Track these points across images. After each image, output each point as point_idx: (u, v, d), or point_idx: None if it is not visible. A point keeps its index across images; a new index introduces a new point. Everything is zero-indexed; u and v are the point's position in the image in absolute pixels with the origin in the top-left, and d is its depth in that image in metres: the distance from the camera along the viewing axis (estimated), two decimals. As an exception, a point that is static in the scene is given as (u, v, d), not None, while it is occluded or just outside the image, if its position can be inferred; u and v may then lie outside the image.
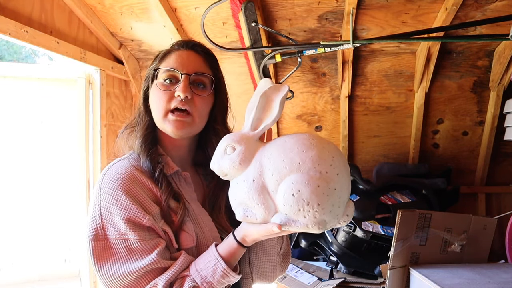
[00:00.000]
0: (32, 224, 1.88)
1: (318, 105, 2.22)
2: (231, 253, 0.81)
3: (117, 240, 0.80)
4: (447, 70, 2.09)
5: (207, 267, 0.80)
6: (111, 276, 0.79)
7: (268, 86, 0.76)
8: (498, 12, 1.71)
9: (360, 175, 1.99)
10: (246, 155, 0.73)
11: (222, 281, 0.80)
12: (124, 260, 0.79)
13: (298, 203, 0.67)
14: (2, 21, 1.30)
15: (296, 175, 0.68)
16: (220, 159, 0.75)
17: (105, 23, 1.87)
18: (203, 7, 1.72)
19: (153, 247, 0.81)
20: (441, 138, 2.26)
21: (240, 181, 0.73)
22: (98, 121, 1.88)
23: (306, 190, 0.67)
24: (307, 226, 0.69)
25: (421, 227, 1.62)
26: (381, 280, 1.72)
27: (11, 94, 1.86)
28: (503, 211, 2.17)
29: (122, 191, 0.82)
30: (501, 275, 1.52)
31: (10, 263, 1.85)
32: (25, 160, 1.88)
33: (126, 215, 0.80)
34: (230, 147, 0.74)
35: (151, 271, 0.80)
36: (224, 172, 0.75)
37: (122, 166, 0.87)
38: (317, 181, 0.67)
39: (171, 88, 0.91)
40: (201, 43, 1.00)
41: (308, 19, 1.82)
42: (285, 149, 0.71)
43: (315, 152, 0.70)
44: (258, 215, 0.72)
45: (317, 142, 0.72)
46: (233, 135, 0.76)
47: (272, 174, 0.70)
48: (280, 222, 0.70)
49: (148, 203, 0.84)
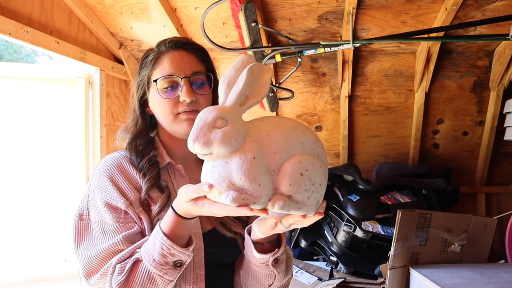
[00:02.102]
0: (32, 224, 1.88)
1: (318, 105, 2.22)
2: (171, 224, 0.76)
3: (96, 221, 0.86)
4: (447, 70, 2.09)
5: (150, 240, 0.79)
6: (85, 256, 0.84)
7: (250, 62, 0.70)
8: (498, 12, 1.71)
9: (360, 175, 1.99)
10: (241, 130, 0.65)
11: (163, 253, 0.76)
12: (97, 241, 0.85)
13: (305, 183, 0.64)
14: (2, 21, 1.30)
15: (302, 154, 0.65)
16: (207, 133, 0.63)
17: (105, 23, 1.87)
18: (203, 7, 1.72)
19: (123, 230, 0.84)
20: (441, 138, 2.26)
21: (235, 160, 0.63)
22: (98, 121, 1.89)
23: (313, 169, 0.65)
24: (308, 208, 0.66)
25: (421, 227, 1.63)
26: (381, 280, 1.72)
27: (11, 94, 1.86)
28: (503, 211, 2.17)
29: (106, 177, 0.89)
30: (501, 275, 1.52)
31: (10, 263, 1.85)
32: (25, 160, 1.88)
33: (105, 198, 0.87)
34: (221, 119, 0.64)
35: (113, 252, 0.82)
36: (210, 149, 0.63)
37: (112, 156, 0.94)
38: (319, 162, 0.67)
39: (173, 94, 0.92)
40: (188, 40, 1.00)
41: (308, 19, 1.82)
42: (285, 127, 0.67)
43: (312, 134, 0.69)
44: (259, 198, 0.63)
45: (305, 125, 0.71)
46: (218, 108, 0.66)
47: (274, 152, 0.64)
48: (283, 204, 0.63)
49: (127, 189, 0.88)
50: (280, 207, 0.63)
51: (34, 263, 1.88)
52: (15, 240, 1.86)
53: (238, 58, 0.72)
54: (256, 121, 0.70)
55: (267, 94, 0.71)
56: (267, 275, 0.90)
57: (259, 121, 0.69)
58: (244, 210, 0.62)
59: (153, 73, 0.94)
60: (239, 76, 0.69)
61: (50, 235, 1.91)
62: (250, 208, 0.62)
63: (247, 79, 0.67)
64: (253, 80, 0.68)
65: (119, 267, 0.79)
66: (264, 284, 0.91)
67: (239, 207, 0.62)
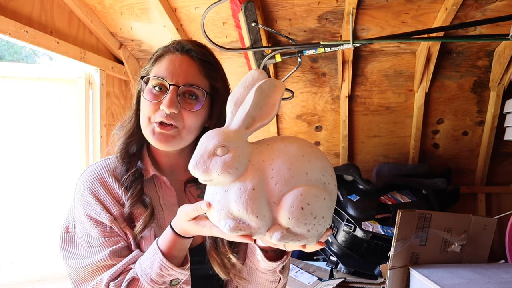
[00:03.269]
0: (33, 224, 1.88)
1: (318, 105, 2.22)
2: (169, 243, 0.76)
3: (82, 235, 0.86)
4: (447, 70, 2.09)
5: (147, 258, 0.78)
6: (73, 266, 0.84)
7: (261, 78, 0.66)
8: (498, 12, 1.71)
9: (360, 175, 1.99)
10: (242, 159, 0.62)
11: (161, 273, 0.75)
12: (84, 253, 0.84)
13: (306, 217, 0.61)
14: (2, 21, 1.30)
15: (304, 186, 0.62)
16: (207, 161, 0.62)
17: (105, 23, 1.87)
18: (203, 7, 1.72)
19: (110, 244, 0.84)
20: (441, 138, 2.26)
21: (234, 189, 0.62)
22: (98, 121, 1.89)
23: (316, 203, 0.62)
24: (308, 240, 0.64)
25: (421, 227, 1.62)
26: (381, 280, 1.72)
27: (11, 94, 1.86)
28: (503, 211, 2.17)
29: (88, 191, 0.87)
30: (501, 275, 1.52)
31: (10, 263, 1.85)
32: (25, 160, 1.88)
33: (88, 213, 0.85)
34: (222, 147, 0.62)
35: (102, 267, 0.82)
36: (210, 177, 0.62)
37: (94, 168, 0.91)
38: (323, 193, 0.63)
39: (159, 97, 0.84)
40: (199, 47, 0.90)
41: (308, 19, 1.82)
42: (290, 156, 0.63)
43: (320, 162, 0.65)
44: (257, 229, 0.62)
45: (316, 149, 0.67)
46: (222, 133, 0.64)
47: (276, 184, 0.62)
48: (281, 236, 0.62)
49: (110, 204, 0.86)
50: (278, 240, 0.62)
51: (34, 263, 1.88)
52: (15, 240, 1.86)
53: (248, 73, 0.67)
54: (262, 144, 0.66)
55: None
56: (272, 281, 0.90)
57: (264, 145, 0.66)
58: (244, 239, 0.62)
59: (151, 70, 0.88)
60: (247, 94, 0.65)
61: (50, 235, 1.91)
62: (250, 237, 0.62)
63: (255, 99, 0.64)
64: (261, 100, 0.65)
65: (114, 285, 0.78)
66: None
67: (239, 236, 0.62)
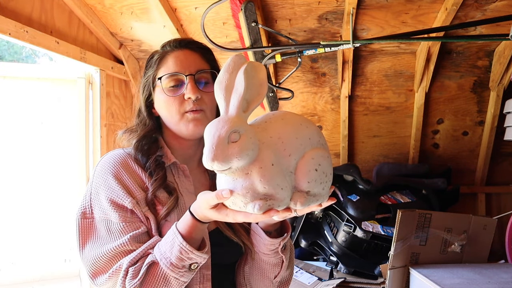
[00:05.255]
0: (32, 224, 1.88)
1: (318, 105, 2.22)
2: (188, 228, 0.77)
3: (101, 220, 0.84)
4: (447, 70, 2.09)
5: (166, 243, 0.79)
6: (91, 256, 0.82)
7: (241, 62, 0.69)
8: (498, 12, 1.71)
9: (360, 175, 1.99)
10: (254, 139, 0.64)
11: (181, 257, 0.76)
12: (103, 240, 0.83)
13: (320, 176, 0.68)
14: (2, 21, 1.30)
15: (312, 150, 0.69)
16: (225, 149, 0.62)
17: (105, 23, 1.87)
18: (203, 7, 1.72)
19: (130, 229, 0.83)
20: (441, 138, 2.26)
21: (255, 170, 0.64)
22: (98, 121, 1.89)
23: (324, 162, 0.69)
24: (323, 197, 0.70)
25: (421, 227, 1.63)
26: (381, 280, 1.72)
27: (11, 94, 1.86)
28: (503, 211, 2.17)
29: (111, 174, 0.87)
30: (501, 275, 1.52)
31: (10, 263, 1.84)
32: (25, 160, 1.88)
33: (110, 196, 0.84)
34: (235, 132, 0.63)
35: (121, 253, 0.81)
36: (230, 165, 0.63)
37: (116, 152, 0.92)
38: (326, 153, 0.70)
39: (178, 91, 0.91)
40: (192, 39, 1.01)
41: (308, 19, 1.82)
42: (292, 127, 0.69)
43: (314, 126, 0.72)
44: (283, 200, 0.66)
45: (304, 117, 0.73)
46: (227, 120, 0.65)
47: (289, 154, 0.67)
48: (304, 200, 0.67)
49: (134, 188, 0.86)
50: (302, 204, 0.67)
51: (34, 263, 1.88)
52: (15, 240, 1.86)
53: (228, 59, 0.69)
54: (261, 123, 0.70)
55: (267, 94, 0.71)
56: (275, 264, 0.92)
57: (264, 123, 0.69)
58: (270, 213, 0.64)
59: (158, 73, 0.94)
60: (234, 79, 0.67)
61: (50, 235, 1.91)
62: (275, 210, 0.65)
63: (246, 82, 0.66)
64: (250, 82, 0.67)
65: (133, 270, 0.78)
66: (269, 276, 0.93)
67: (265, 213, 0.64)
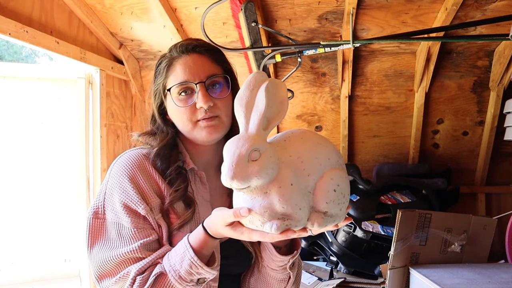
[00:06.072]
0: (32, 224, 1.88)
1: (318, 105, 2.22)
2: (200, 243, 0.76)
3: (112, 222, 0.82)
4: (447, 70, 2.09)
5: (177, 255, 0.77)
6: (99, 258, 0.81)
7: (263, 79, 0.69)
8: (498, 12, 1.71)
9: (360, 175, 1.99)
10: (274, 158, 0.64)
11: (190, 271, 0.75)
12: (113, 244, 0.81)
13: (338, 197, 0.67)
14: (2, 21, 1.30)
15: (331, 170, 0.68)
16: (245, 168, 0.62)
17: (105, 23, 1.87)
18: (203, 7, 1.72)
19: (141, 237, 0.81)
20: (441, 138, 2.26)
21: (274, 189, 0.64)
22: (98, 121, 1.88)
23: (342, 183, 0.68)
24: (340, 218, 0.69)
25: (421, 227, 1.63)
26: (381, 280, 1.72)
27: (11, 94, 1.86)
28: (503, 211, 2.17)
29: (127, 176, 0.84)
30: (501, 275, 1.52)
31: (10, 263, 1.85)
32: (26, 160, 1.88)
33: (124, 200, 0.82)
34: (255, 151, 0.63)
35: (130, 259, 0.80)
36: (249, 183, 0.63)
37: (135, 153, 0.89)
38: (344, 173, 0.70)
39: (189, 100, 0.88)
40: (199, 41, 0.95)
41: (308, 19, 1.82)
42: (311, 147, 0.69)
43: (332, 145, 0.71)
44: (301, 220, 0.65)
45: (322, 136, 0.73)
46: (248, 138, 0.64)
47: (308, 174, 0.66)
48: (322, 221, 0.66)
49: (149, 194, 0.84)
50: (319, 225, 0.66)
51: (34, 263, 1.88)
52: (15, 240, 1.86)
53: (249, 76, 0.69)
54: (280, 142, 0.70)
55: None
56: (281, 280, 0.91)
57: (283, 142, 0.70)
58: (287, 234, 0.64)
59: (168, 81, 0.90)
60: (255, 96, 0.67)
61: (50, 235, 1.91)
62: (292, 230, 0.64)
63: (267, 100, 0.66)
64: (271, 100, 0.67)
65: (140, 279, 0.77)
66: None
67: (282, 233, 0.64)
